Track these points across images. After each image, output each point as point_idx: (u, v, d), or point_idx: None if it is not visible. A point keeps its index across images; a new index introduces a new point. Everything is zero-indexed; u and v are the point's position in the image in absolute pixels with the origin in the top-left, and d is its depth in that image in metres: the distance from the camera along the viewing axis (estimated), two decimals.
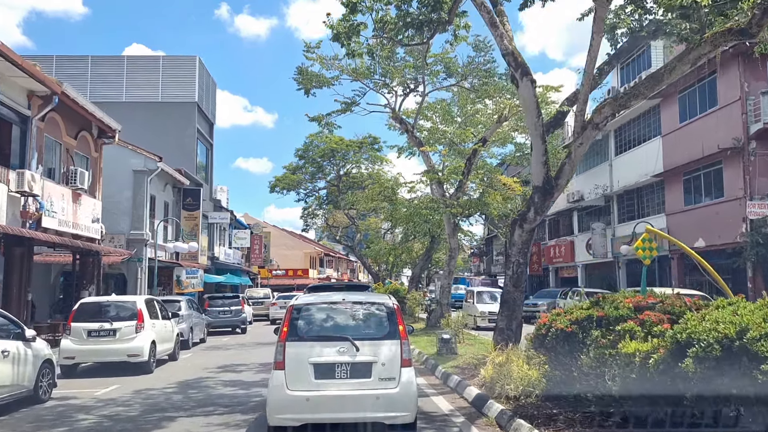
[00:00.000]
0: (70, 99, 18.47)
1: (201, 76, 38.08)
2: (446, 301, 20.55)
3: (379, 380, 6.58)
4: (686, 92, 25.83)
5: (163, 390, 10.87)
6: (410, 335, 8.12)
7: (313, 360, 6.60)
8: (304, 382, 6.55)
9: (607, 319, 6.32)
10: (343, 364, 6.59)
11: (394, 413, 6.59)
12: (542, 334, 7.15)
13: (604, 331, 6.22)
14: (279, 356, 6.67)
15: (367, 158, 54.11)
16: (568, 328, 6.56)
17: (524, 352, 9.38)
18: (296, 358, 6.62)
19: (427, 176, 19.48)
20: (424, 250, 30.95)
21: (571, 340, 6.54)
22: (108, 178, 26.17)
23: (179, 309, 18.30)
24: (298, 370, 6.57)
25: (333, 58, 19.72)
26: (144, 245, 26.74)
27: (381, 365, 6.62)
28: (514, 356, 9.23)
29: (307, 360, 6.60)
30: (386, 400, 6.55)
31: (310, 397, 6.49)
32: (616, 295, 7.10)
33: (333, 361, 6.60)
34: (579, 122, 9.46)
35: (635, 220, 29.70)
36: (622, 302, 6.46)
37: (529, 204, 10.56)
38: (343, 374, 6.58)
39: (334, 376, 6.58)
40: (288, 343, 6.71)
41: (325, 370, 6.59)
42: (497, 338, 11.12)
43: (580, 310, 6.78)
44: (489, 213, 20.06)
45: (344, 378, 6.58)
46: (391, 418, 6.62)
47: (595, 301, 7.21)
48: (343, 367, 6.59)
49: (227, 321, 24.72)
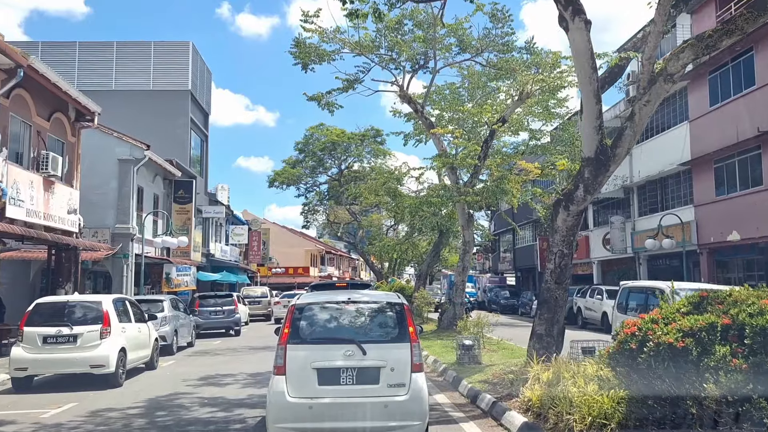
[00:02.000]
0: (39, 74, 16.42)
1: (194, 63, 36.07)
2: (460, 300, 18.44)
3: (388, 386, 6.09)
4: (718, 72, 23.73)
5: (125, 412, 8.83)
6: (422, 339, 7.69)
7: (317, 365, 6.11)
8: (306, 388, 6.07)
9: (739, 330, 4.28)
10: (349, 369, 6.12)
11: (404, 422, 6.07)
12: (631, 349, 5.07)
13: (734, 348, 4.18)
14: (279, 360, 6.17)
15: (369, 152, 52.17)
16: (678, 343, 4.49)
17: (579, 367, 7.36)
18: (298, 362, 6.14)
19: (438, 161, 17.28)
20: (432, 246, 28.87)
21: (681, 359, 4.48)
22: (91, 168, 24.23)
23: (161, 309, 16.27)
24: (301, 376, 6.10)
25: (334, 31, 17.68)
26: (130, 240, 24.72)
27: (390, 370, 6.12)
28: (567, 372, 7.19)
29: (310, 364, 6.11)
30: (396, 407, 6.04)
31: (313, 405, 6.02)
32: (739, 291, 5.00)
33: (338, 366, 6.11)
34: (647, 73, 7.39)
35: (658, 212, 27.64)
36: (764, 305, 4.37)
37: (576, 180, 8.51)
38: (348, 380, 6.11)
39: (339, 381, 6.11)
40: (289, 346, 6.20)
41: (330, 375, 6.10)
42: (535, 346, 9.09)
43: (694, 318, 4.69)
44: (509, 201, 17.87)
45: (350, 384, 6.10)
46: (401, 427, 6.08)
47: (696, 302, 5.17)
48: (348, 373, 6.12)
49: (219, 322, 22.65)
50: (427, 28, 17.64)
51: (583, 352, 8.91)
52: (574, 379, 6.85)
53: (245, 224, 48.20)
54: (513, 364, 10.17)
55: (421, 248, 34.43)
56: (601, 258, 33.49)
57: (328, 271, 78.70)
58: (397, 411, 6.04)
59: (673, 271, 28.35)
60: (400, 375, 6.10)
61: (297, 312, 6.46)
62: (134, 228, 24.75)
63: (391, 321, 6.49)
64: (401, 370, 6.12)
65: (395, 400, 6.05)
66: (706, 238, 24.36)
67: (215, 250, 39.83)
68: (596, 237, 33.85)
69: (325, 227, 66.96)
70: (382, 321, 6.56)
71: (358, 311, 6.59)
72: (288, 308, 6.66)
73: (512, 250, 52.41)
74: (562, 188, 8.84)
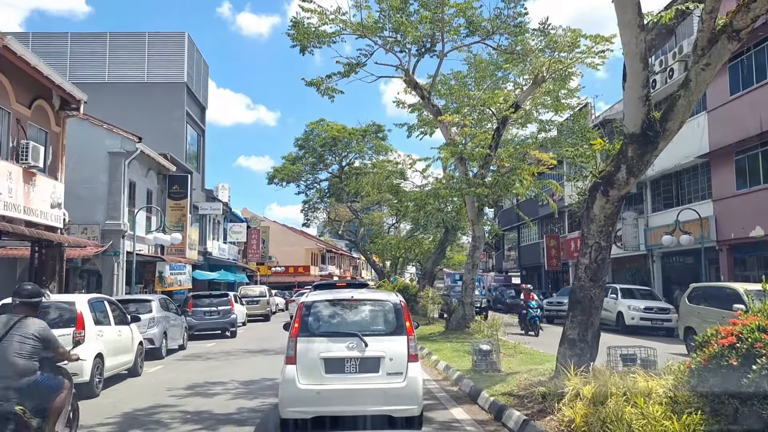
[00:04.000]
0: (17, 57, 15.18)
1: (190, 55, 34.88)
2: (470, 300, 17.17)
3: (387, 375, 6.69)
4: (738, 60, 22.49)
5: (93, 431, 7.63)
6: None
7: (324, 355, 6.70)
8: (315, 376, 6.66)
9: None
10: (352, 359, 6.71)
11: (401, 406, 6.70)
12: (730, 366, 3.87)
13: None
14: (291, 351, 6.76)
15: (371, 147, 50.90)
16: None
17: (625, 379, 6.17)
18: (307, 353, 6.72)
19: (446, 150, 16.01)
20: (437, 243, 27.65)
21: None
22: (80, 162, 23.12)
23: (149, 310, 15.07)
24: (309, 365, 6.68)
25: (335, 11, 16.46)
26: (121, 237, 23.54)
27: (389, 360, 6.72)
28: (614, 387, 5.99)
29: (317, 355, 6.70)
30: (394, 394, 6.64)
31: (320, 391, 6.61)
32: None
33: (343, 356, 6.71)
34: (707, 30, 6.18)
35: (674, 207, 26.43)
36: None
37: (617, 161, 7.29)
38: (352, 369, 6.70)
39: (343, 370, 6.69)
40: (299, 338, 6.79)
41: (335, 364, 6.70)
42: (567, 353, 7.89)
43: None
44: (516, 191, 16.49)
45: (354, 372, 6.70)
46: (399, 411, 6.72)
47: None
48: (352, 362, 6.71)
49: (214, 323, 21.41)
50: (434, 8, 16.41)
51: (623, 361, 7.71)
52: (626, 396, 5.64)
53: (244, 222, 46.99)
54: (539, 373, 8.96)
55: (425, 246, 33.18)
56: (612, 256, 32.20)
57: (329, 270, 77.41)
58: (396, 397, 6.62)
59: (688, 270, 27.14)
60: (398, 365, 6.68)
61: (306, 308, 7.02)
62: (125, 224, 23.58)
63: (390, 316, 7.03)
64: (399, 360, 6.70)
65: (394, 387, 6.62)
66: (726, 234, 23.15)
67: (213, 248, 38.65)
68: None
69: (326, 225, 65.68)
70: (382, 316, 7.12)
71: (360, 308, 7.22)
72: (297, 305, 7.27)
73: (517, 248, 51.22)
74: (599, 170, 7.59)
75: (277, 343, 18.76)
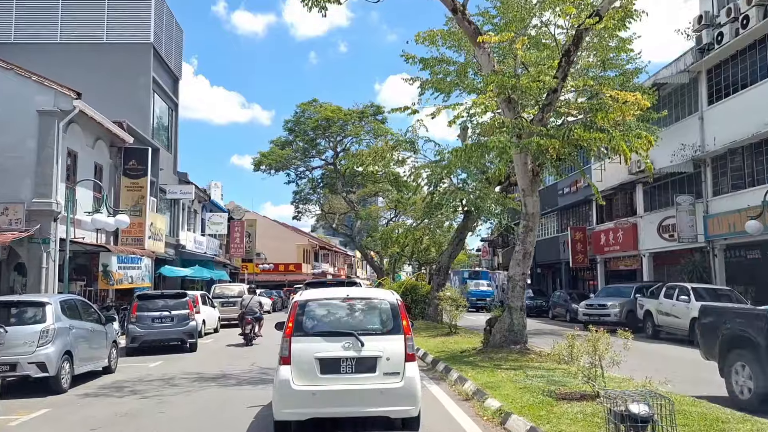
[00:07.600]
0: None
1: (158, 14, 29.56)
2: (520, 304, 11.81)
3: (384, 375, 6.49)
4: None
5: None
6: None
7: (319, 355, 6.50)
8: (309, 377, 6.47)
9: None
10: (348, 359, 6.51)
11: (398, 407, 6.55)
12: None
13: None
14: (285, 352, 6.56)
15: (369, 131, 45.66)
16: None
17: None
18: (302, 353, 6.52)
19: (491, 80, 10.39)
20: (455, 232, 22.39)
21: None
22: (2, 123, 17.97)
23: (39, 319, 9.82)
24: (304, 365, 6.48)
25: None
26: (53, 220, 18.23)
27: (386, 360, 6.53)
28: None
29: (312, 355, 6.50)
30: (391, 394, 6.46)
31: (316, 392, 6.42)
32: None
33: (338, 356, 6.51)
34: None
35: (746, 189, 21.34)
36: None
37: None
38: (348, 369, 6.50)
39: (339, 371, 6.49)
40: (294, 338, 6.60)
41: (331, 365, 6.50)
42: None
43: None
44: (617, 147, 10.85)
45: (349, 373, 6.49)
46: (396, 412, 6.60)
47: None
48: (348, 362, 6.51)
49: (165, 333, 15.90)
50: None
51: None
52: None
53: (225, 212, 41.63)
54: None
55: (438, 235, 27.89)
56: (655, 250, 27.11)
57: (323, 269, 72.06)
58: (393, 397, 6.43)
59: (752, 267, 22.16)
60: (395, 364, 6.50)
61: (300, 308, 6.80)
62: (58, 203, 18.29)
63: (386, 315, 6.83)
64: (396, 360, 6.51)
65: (391, 387, 6.43)
66: None
67: (186, 240, 33.32)
68: (648, 224, 27.48)
69: (319, 219, 60.38)
70: (378, 315, 6.90)
71: (356, 307, 6.96)
72: (291, 304, 7.04)
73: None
74: None
75: (246, 363, 13.51)
